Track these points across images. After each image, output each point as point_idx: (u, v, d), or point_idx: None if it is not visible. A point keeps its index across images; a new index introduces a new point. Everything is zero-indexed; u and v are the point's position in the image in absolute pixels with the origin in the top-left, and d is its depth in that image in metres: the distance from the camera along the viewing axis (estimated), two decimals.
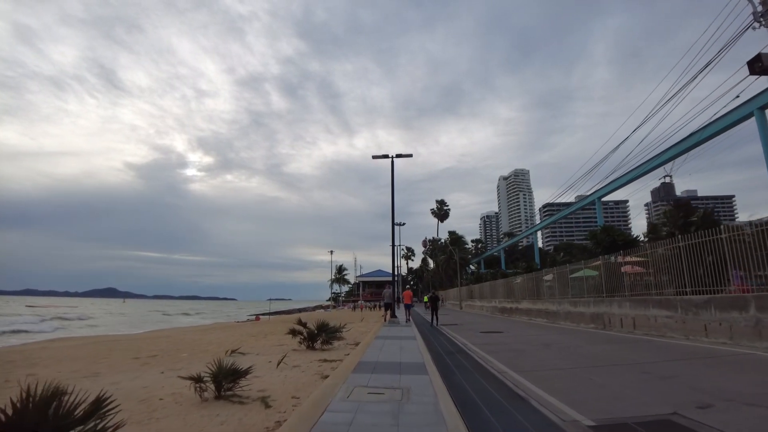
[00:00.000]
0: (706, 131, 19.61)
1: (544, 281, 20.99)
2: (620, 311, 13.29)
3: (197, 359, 11.36)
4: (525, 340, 11.81)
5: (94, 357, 13.07)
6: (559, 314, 17.73)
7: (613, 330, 13.39)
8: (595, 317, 14.82)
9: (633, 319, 12.57)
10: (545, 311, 19.24)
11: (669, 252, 11.21)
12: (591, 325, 14.94)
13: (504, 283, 27.76)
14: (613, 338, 11.39)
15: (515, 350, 9.52)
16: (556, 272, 18.82)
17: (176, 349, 15.43)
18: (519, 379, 6.11)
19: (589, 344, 10.37)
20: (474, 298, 37.74)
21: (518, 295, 23.96)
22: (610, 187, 24.84)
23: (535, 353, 9.02)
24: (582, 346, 9.99)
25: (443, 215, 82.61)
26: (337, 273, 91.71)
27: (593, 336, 12.17)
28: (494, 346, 10.39)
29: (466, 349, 9.75)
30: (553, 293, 19.09)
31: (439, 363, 7.67)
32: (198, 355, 12.94)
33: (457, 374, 6.63)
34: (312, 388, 6.54)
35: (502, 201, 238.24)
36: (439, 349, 10.00)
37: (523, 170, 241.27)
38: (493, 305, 29.85)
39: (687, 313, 10.37)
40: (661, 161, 22.91)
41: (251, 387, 6.63)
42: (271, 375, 8.14)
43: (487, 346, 10.31)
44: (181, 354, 13.70)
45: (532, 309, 20.96)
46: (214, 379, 6.20)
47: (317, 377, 7.67)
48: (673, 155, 22.33)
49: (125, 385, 7.52)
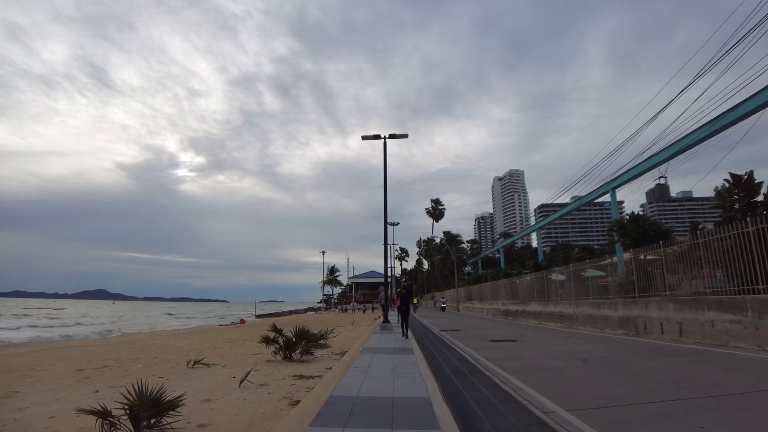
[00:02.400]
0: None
1: (553, 281, 18.69)
2: (660, 314, 10.95)
3: (154, 371, 9.75)
4: (550, 352, 9.40)
5: (31, 368, 10.95)
6: (576, 318, 15.38)
7: (651, 337, 11.05)
8: (624, 321, 12.48)
9: (679, 324, 10.23)
10: (559, 314, 16.90)
11: (731, 241, 8.88)
12: (619, 331, 12.60)
13: (507, 284, 25.42)
14: (663, 349, 9.03)
15: (547, 369, 7.11)
16: (572, 270, 16.49)
17: (135, 357, 13.46)
18: (586, 430, 3.70)
19: (639, 358, 7.99)
20: (473, 300, 35.38)
21: (524, 297, 21.63)
22: (625, 177, 22.63)
23: (576, 374, 6.61)
24: (631, 362, 7.61)
25: (438, 215, 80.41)
26: (329, 274, 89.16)
27: (632, 346, 9.81)
28: (515, 361, 7.97)
29: (481, 368, 7.32)
30: (568, 294, 16.78)
31: (451, 396, 5.22)
32: (156, 365, 10.95)
33: (483, 420, 4.19)
34: (272, 423, 4.71)
35: (497, 202, 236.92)
36: (446, 367, 7.56)
37: (518, 171, 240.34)
38: (494, 307, 27.50)
39: (763, 316, 8.04)
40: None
41: (191, 420, 4.87)
42: (227, 398, 6.29)
43: (505, 362, 7.89)
44: (137, 364, 11.69)
45: (542, 312, 18.62)
46: (130, 414, 4.18)
47: (285, 403, 5.78)
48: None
49: (32, 412, 6.02)
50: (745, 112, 15.39)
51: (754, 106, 14.96)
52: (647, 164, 21.47)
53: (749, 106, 15.13)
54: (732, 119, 15.93)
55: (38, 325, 35.43)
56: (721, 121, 16.31)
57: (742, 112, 15.40)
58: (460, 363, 7.97)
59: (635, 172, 22.24)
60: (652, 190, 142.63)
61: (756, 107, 14.96)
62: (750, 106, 15.08)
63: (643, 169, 21.93)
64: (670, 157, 21.15)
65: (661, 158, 20.98)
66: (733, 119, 15.92)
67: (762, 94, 14.45)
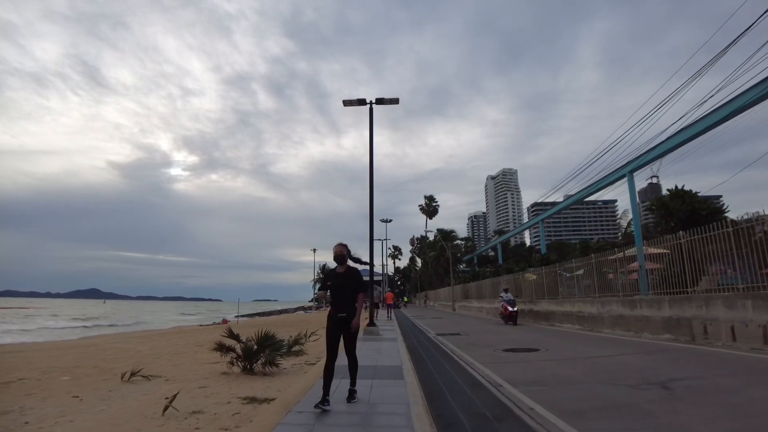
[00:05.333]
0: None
1: (567, 277, 16.03)
2: (730, 315, 8.25)
3: (77, 386, 7.75)
4: (599, 370, 6.64)
5: None
6: (601, 319, 12.69)
7: (717, 344, 8.35)
8: (672, 324, 9.78)
9: (763, 329, 7.53)
10: (577, 315, 14.19)
11: None
12: (665, 336, 9.90)
13: (510, 280, 22.72)
14: (759, 365, 6.33)
15: (618, 406, 4.35)
16: (594, 261, 13.79)
17: (74, 366, 11.19)
18: None
19: (742, 382, 5.25)
20: (470, 298, 32.65)
21: (531, 294, 18.95)
22: (642, 160, 20.02)
23: (673, 418, 3.83)
24: (737, 389, 4.87)
25: (432, 211, 77.68)
26: (320, 272, 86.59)
27: (705, 358, 7.09)
28: (557, 390, 5.20)
29: (511, 404, 4.53)
30: (587, 291, 14.11)
31: None
32: (87, 378, 8.93)
33: None
34: None
35: (490, 200, 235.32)
36: (453, 404, 4.73)
37: (511, 170, 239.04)
38: (495, 307, 24.74)
39: None
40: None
41: None
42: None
43: (542, 390, 5.12)
44: (64, 376, 9.43)
45: (556, 311, 15.91)
46: None
47: None
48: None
49: None
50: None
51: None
52: (670, 143, 18.88)
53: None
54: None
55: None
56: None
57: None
58: (473, 392, 5.16)
59: (658, 152, 19.62)
60: (645, 189, 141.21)
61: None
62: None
63: (667, 148, 19.34)
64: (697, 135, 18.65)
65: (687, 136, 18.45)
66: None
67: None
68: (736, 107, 15.02)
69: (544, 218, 41.69)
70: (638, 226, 20.87)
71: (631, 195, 19.55)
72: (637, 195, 19.92)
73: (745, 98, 14.33)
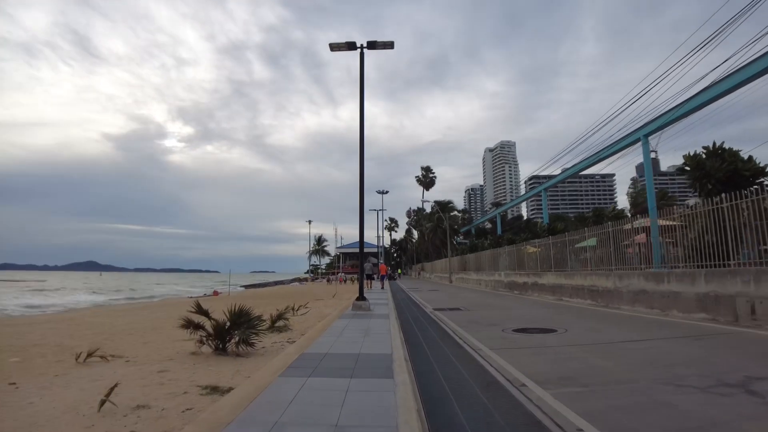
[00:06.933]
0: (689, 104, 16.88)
1: (576, 248, 14.68)
2: None
3: (24, 369, 6.54)
4: (641, 360, 5.25)
5: None
6: (619, 294, 11.36)
7: (766, 327, 7.01)
8: (708, 302, 8.42)
9: None
10: (590, 289, 12.88)
11: None
12: (699, 315, 8.57)
13: (512, 251, 21.41)
14: None
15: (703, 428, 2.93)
16: (611, 229, 12.35)
17: (33, 344, 10.12)
18: None
19: None
20: (468, 270, 31.56)
21: (536, 266, 17.65)
22: (661, 121, 18.31)
23: None
24: None
25: (429, 183, 75.97)
26: (317, 244, 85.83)
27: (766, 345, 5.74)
28: (604, 394, 3.78)
29: (540, 414, 3.10)
30: (600, 262, 12.76)
31: None
32: (40, 359, 7.43)
33: None
34: None
35: (488, 173, 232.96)
36: (463, 419, 3.31)
37: (510, 142, 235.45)
38: (495, 279, 23.62)
39: None
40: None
41: None
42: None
43: (585, 396, 3.71)
44: (13, 357, 8.13)
45: (564, 285, 14.62)
46: None
47: None
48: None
49: None
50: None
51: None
52: (693, 103, 17.17)
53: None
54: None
55: None
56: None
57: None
58: (488, 398, 3.73)
59: (675, 114, 17.91)
60: (640, 165, 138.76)
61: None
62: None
63: (685, 111, 17.65)
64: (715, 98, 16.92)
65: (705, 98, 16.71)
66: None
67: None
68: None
69: (547, 187, 40.18)
70: (652, 193, 19.42)
71: (645, 160, 18.08)
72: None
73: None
